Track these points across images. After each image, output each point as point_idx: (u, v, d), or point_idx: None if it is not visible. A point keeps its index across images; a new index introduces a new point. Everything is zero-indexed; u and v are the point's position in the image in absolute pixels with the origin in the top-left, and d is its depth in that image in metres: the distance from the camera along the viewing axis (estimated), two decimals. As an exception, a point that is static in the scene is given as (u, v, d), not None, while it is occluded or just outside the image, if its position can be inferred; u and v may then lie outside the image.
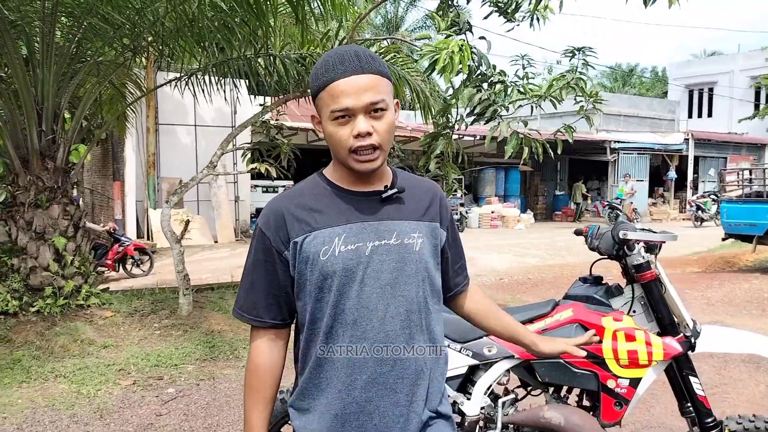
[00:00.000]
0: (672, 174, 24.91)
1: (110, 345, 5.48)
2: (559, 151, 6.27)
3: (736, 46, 34.87)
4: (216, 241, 13.81)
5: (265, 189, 18.73)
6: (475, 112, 6.10)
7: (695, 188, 25.55)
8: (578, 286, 2.40)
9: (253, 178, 16.71)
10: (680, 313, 2.29)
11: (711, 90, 33.70)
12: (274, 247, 1.46)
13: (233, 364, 5.14)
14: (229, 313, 6.69)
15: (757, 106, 31.22)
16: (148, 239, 12.37)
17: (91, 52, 6.25)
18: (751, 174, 13.86)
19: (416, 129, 18.72)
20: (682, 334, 2.25)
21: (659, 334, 2.26)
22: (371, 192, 1.49)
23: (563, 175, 26.19)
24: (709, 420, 2.27)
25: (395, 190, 1.50)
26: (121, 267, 9.48)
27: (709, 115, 33.94)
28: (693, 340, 2.24)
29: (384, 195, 1.49)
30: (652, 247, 2.29)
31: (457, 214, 19.27)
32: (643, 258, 2.26)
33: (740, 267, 11.86)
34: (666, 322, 2.25)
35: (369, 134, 1.39)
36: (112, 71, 6.44)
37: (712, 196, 21.13)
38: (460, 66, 5.10)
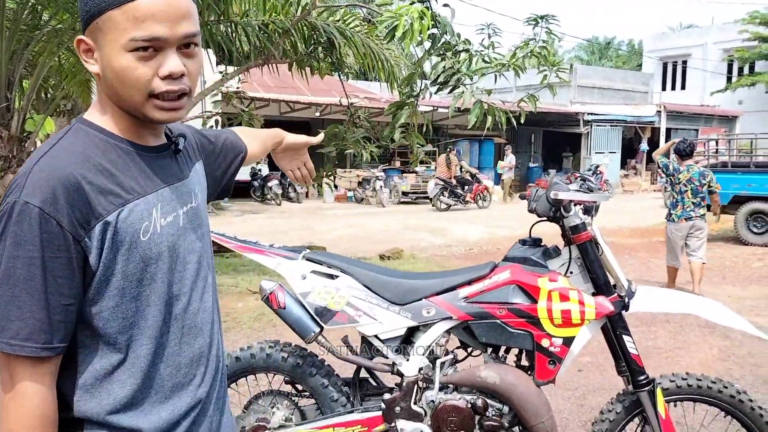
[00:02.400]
0: (644, 146, 25.14)
1: None
2: (522, 121, 6.28)
3: (710, 19, 35.04)
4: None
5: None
6: (439, 80, 6.07)
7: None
8: (517, 248, 2.42)
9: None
10: (616, 273, 2.32)
11: (685, 63, 33.93)
12: (69, 232, 1.03)
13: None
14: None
15: (729, 79, 31.52)
16: None
17: (47, 17, 6.08)
18: (717, 144, 14.05)
19: (390, 101, 18.61)
20: (615, 294, 2.28)
21: (594, 295, 2.29)
22: (162, 146, 1.22)
23: (537, 148, 26.32)
24: (642, 378, 2.32)
25: (182, 138, 1.26)
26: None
27: (683, 87, 34.21)
28: (626, 300, 2.28)
29: (178, 147, 1.24)
30: (588, 209, 2.31)
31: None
32: (580, 219, 2.28)
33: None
34: (601, 283, 2.29)
35: (182, 76, 1.10)
36: (69, 38, 6.28)
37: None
38: (421, 34, 5.06)
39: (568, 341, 2.24)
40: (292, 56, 6.61)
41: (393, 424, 2.34)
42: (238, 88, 7.23)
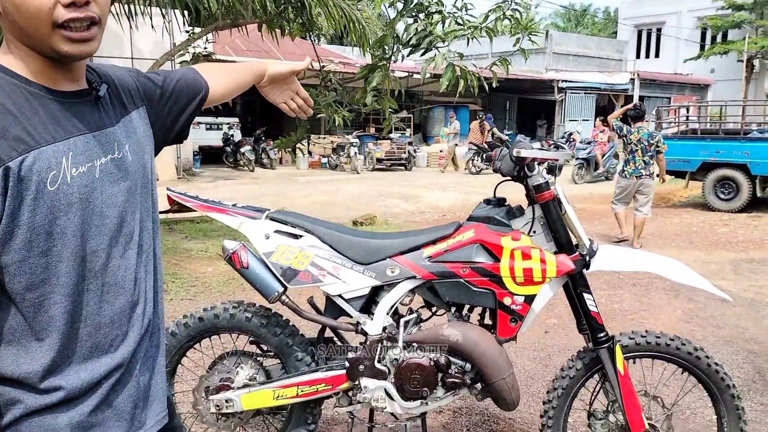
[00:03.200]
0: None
1: None
2: (495, 86, 6.25)
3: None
4: (157, 179, 13.49)
5: (208, 126, 18.32)
6: (411, 43, 6.00)
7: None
8: (482, 208, 2.42)
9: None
10: (578, 233, 2.33)
11: (659, 30, 34.01)
12: None
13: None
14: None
15: (702, 47, 31.71)
16: None
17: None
18: (688, 111, 14.19)
19: (345, 62, 18.38)
20: (577, 253, 2.30)
21: (556, 254, 2.30)
22: (81, 92, 1.14)
23: (512, 115, 26.34)
24: (601, 335, 2.35)
25: (106, 85, 1.19)
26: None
27: (657, 55, 34.37)
28: (588, 259, 2.30)
29: (99, 93, 1.17)
30: (552, 169, 2.31)
31: (405, 153, 19.27)
32: (543, 179, 2.28)
33: (674, 203, 12.26)
34: (563, 241, 2.30)
35: (88, 3, 1.03)
36: None
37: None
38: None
39: (529, 299, 2.26)
40: (261, 16, 6.46)
41: (357, 382, 2.36)
42: (205, 48, 7.07)
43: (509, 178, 2.36)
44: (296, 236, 2.41)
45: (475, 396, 2.39)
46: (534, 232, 2.34)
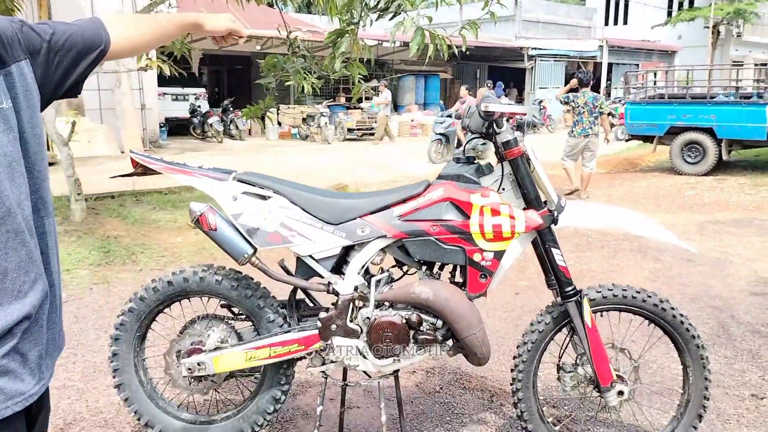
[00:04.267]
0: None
1: None
2: (465, 50, 6.20)
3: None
4: (122, 152, 13.23)
5: (174, 97, 17.96)
6: (379, 7, 5.92)
7: (608, 95, 26.26)
8: (451, 166, 2.41)
9: (161, 84, 15.93)
10: (546, 189, 2.35)
11: (627, -4, 34.10)
12: None
13: (130, 268, 5.04)
14: (128, 219, 6.50)
15: (670, 14, 31.91)
16: (48, 150, 11.73)
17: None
18: (655, 76, 14.32)
19: (315, 31, 18.12)
20: (545, 209, 2.31)
21: (525, 209, 2.32)
22: None
23: (482, 83, 26.29)
24: (569, 289, 2.39)
25: None
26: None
27: (625, 22, 34.49)
28: (556, 215, 2.32)
29: None
30: (521, 126, 2.32)
31: (376, 122, 19.15)
32: (512, 135, 2.29)
33: (642, 167, 12.43)
34: (531, 198, 2.31)
35: None
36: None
37: (623, 102, 21.76)
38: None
39: (498, 255, 2.27)
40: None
41: (329, 342, 2.36)
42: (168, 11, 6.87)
43: (478, 135, 2.35)
44: (264, 197, 2.38)
45: (446, 352, 2.41)
46: (503, 189, 2.35)
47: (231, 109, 18.41)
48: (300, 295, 2.58)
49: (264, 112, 7.86)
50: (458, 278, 2.45)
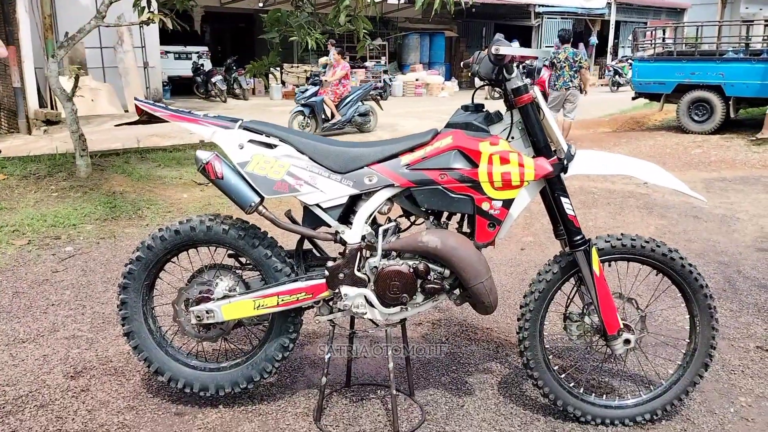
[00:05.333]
0: (593, 39, 25.04)
1: (3, 207, 5.25)
2: (470, 4, 6.09)
3: None
4: (126, 111, 13.15)
5: (177, 55, 17.77)
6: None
7: (615, 54, 25.87)
8: (460, 114, 2.38)
9: (164, 43, 15.75)
10: (556, 137, 2.32)
11: (637, -47, 33.29)
12: None
13: (136, 223, 5.05)
14: (133, 175, 6.48)
15: (679, -30, 31.18)
16: (52, 108, 11.67)
17: None
18: (664, 34, 14.06)
19: None
20: (555, 157, 2.29)
21: (534, 158, 2.29)
22: None
23: (489, 42, 25.93)
24: (578, 238, 2.38)
25: None
26: None
27: (635, -22, 33.75)
28: (565, 163, 2.29)
29: None
30: (531, 72, 2.28)
31: (380, 81, 18.96)
32: (522, 81, 2.25)
33: (648, 126, 12.32)
34: (541, 146, 2.28)
35: None
36: None
37: (630, 61, 21.43)
38: None
39: (507, 203, 2.26)
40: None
41: (337, 290, 2.37)
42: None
43: (487, 82, 2.31)
44: (271, 146, 2.36)
45: (454, 301, 2.42)
46: (512, 137, 2.32)
47: (234, 67, 18.23)
48: (307, 245, 2.58)
49: (268, 68, 7.80)
50: (465, 228, 2.44)
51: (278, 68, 18.93)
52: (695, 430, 2.48)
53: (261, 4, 19.31)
